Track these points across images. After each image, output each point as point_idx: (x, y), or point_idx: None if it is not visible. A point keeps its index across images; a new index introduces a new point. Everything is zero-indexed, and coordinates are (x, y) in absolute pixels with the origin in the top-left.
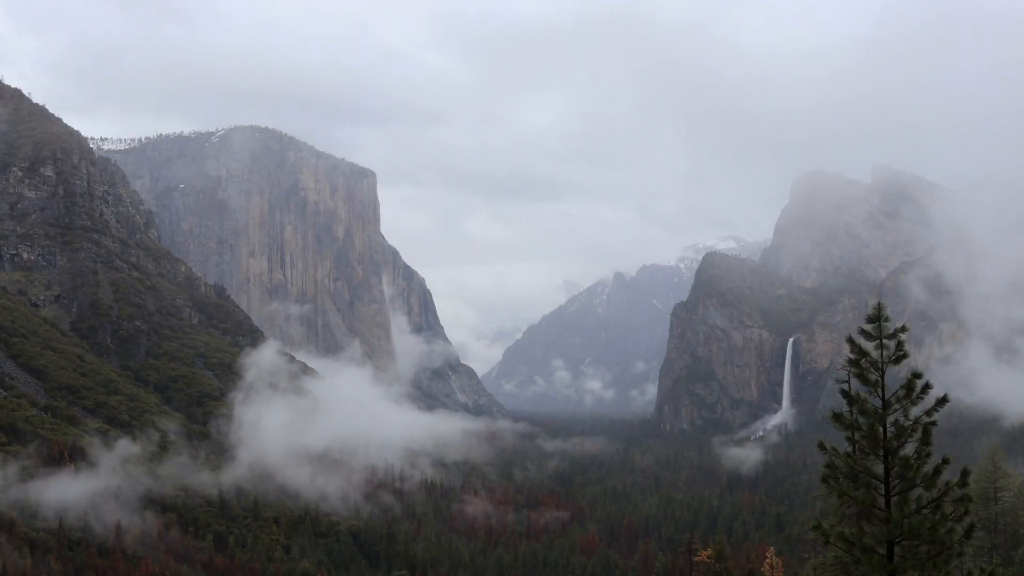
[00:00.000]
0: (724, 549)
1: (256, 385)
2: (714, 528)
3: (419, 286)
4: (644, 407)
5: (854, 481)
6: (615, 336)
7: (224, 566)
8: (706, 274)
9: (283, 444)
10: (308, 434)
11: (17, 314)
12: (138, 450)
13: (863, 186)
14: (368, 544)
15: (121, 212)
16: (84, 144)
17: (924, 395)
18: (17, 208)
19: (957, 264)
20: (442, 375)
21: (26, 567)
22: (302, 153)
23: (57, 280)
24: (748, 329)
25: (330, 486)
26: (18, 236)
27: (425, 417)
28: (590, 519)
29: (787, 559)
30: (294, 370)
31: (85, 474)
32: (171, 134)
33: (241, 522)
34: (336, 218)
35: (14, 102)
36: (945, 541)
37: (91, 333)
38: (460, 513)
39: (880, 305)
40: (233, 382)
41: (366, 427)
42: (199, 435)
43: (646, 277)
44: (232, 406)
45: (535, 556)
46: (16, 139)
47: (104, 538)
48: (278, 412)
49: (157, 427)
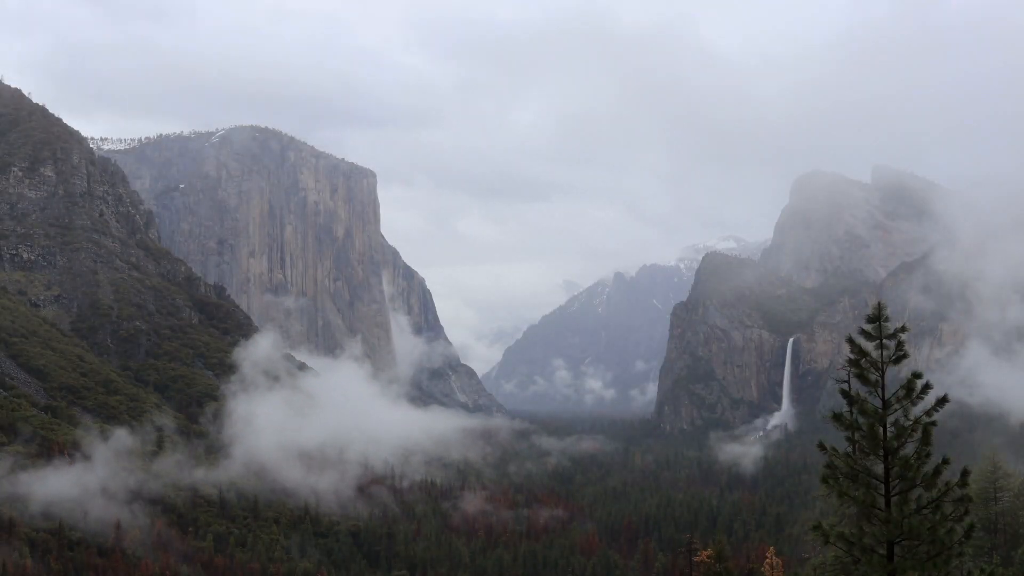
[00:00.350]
0: (724, 549)
1: (254, 382)
2: (714, 528)
3: (419, 286)
4: (644, 407)
5: (854, 481)
6: (615, 336)
7: (224, 566)
8: (706, 274)
9: (282, 443)
10: (306, 433)
11: (17, 314)
12: (133, 443)
13: (863, 186)
14: (368, 544)
15: (121, 212)
16: (84, 144)
17: (924, 395)
18: (17, 208)
19: (957, 264)
20: (442, 375)
21: (26, 567)
22: (302, 153)
23: (57, 280)
24: (748, 329)
25: (329, 485)
26: (18, 236)
27: (425, 416)
28: (590, 519)
29: (787, 559)
30: (292, 368)
31: (79, 468)
32: (171, 134)
33: (241, 522)
34: (336, 218)
35: (14, 102)
36: (945, 541)
37: (91, 333)
38: (460, 513)
39: (880, 305)
40: (230, 378)
41: (365, 426)
42: (198, 433)
43: (646, 277)
44: (231, 404)
45: (535, 556)
46: (16, 139)
47: (104, 538)
48: (277, 410)
49: (156, 426)
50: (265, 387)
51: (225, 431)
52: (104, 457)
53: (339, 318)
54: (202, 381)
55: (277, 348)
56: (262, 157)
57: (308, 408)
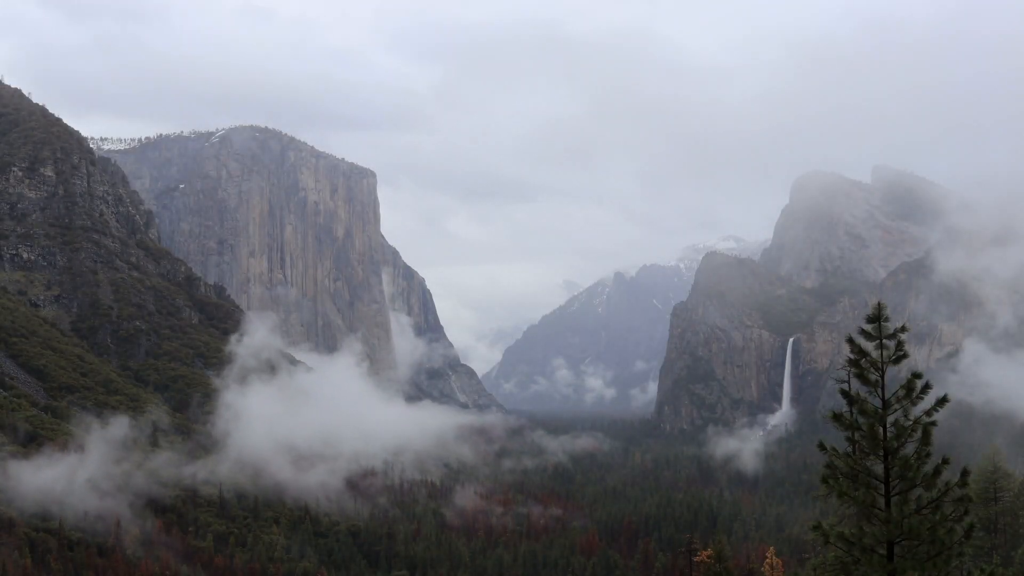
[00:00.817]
0: (724, 549)
1: (253, 381)
2: (714, 528)
3: (419, 286)
4: (644, 407)
5: (854, 481)
6: (615, 336)
7: (224, 566)
8: (706, 274)
9: (281, 440)
10: (306, 432)
11: (17, 314)
12: (127, 436)
13: (863, 186)
14: (368, 544)
15: (121, 212)
16: (84, 144)
17: (924, 395)
18: (17, 208)
19: (957, 264)
20: (442, 375)
21: (26, 567)
22: (302, 153)
23: (57, 280)
24: (748, 329)
25: (328, 484)
26: (18, 236)
27: (425, 416)
28: (590, 519)
29: (787, 559)
30: (290, 365)
31: (72, 460)
32: (171, 134)
33: (241, 522)
34: (336, 218)
35: (14, 102)
36: (945, 541)
37: (91, 333)
38: (459, 513)
39: (880, 305)
40: (223, 373)
41: (364, 426)
42: (197, 432)
43: (646, 277)
44: (229, 400)
45: (535, 556)
46: (16, 139)
47: (104, 538)
48: (277, 408)
49: (153, 423)
50: (265, 387)
51: (221, 428)
52: (99, 450)
53: (339, 318)
54: (202, 381)
55: (274, 343)
56: (262, 157)
57: (308, 408)
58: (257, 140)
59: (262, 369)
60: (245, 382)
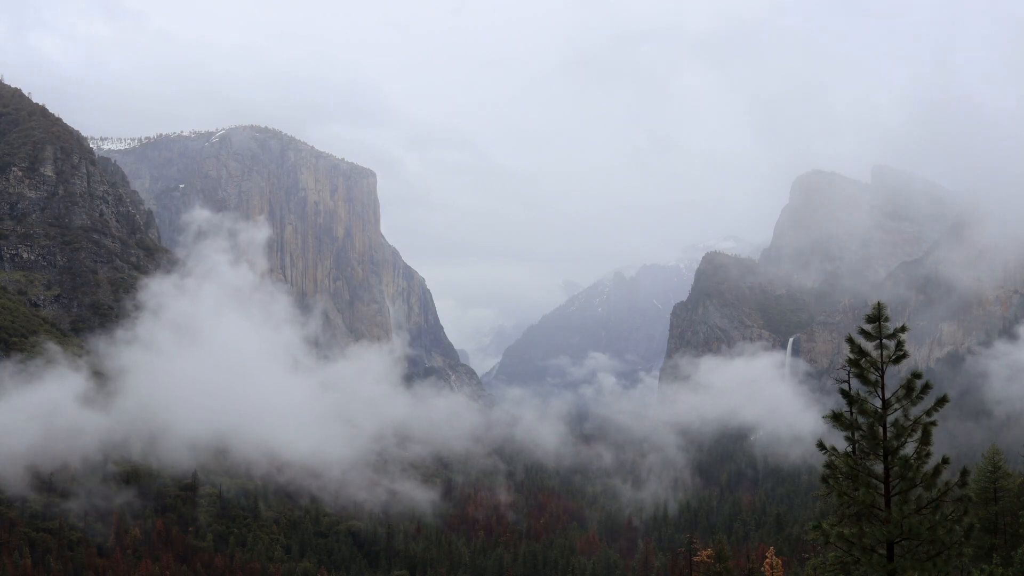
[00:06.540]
0: (724, 549)
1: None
2: (714, 528)
3: (419, 286)
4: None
5: (854, 481)
6: (615, 336)
7: (224, 566)
8: (706, 274)
9: (282, 441)
10: (305, 432)
11: (17, 314)
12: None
13: (863, 186)
14: (367, 544)
15: (121, 212)
16: (84, 144)
17: (924, 395)
18: (17, 208)
19: (957, 264)
20: (442, 375)
21: (26, 567)
22: (302, 153)
23: (57, 280)
24: (748, 329)
25: (328, 484)
26: (18, 236)
27: (425, 415)
28: (590, 519)
29: (787, 559)
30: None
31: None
32: (171, 134)
33: (241, 522)
34: (336, 218)
35: (14, 102)
36: (945, 541)
37: (91, 333)
38: (459, 512)
39: (880, 305)
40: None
41: (362, 424)
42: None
43: (646, 277)
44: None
45: (535, 556)
46: (16, 139)
47: (104, 538)
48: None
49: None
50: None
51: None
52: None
53: (339, 318)
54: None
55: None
56: (262, 157)
57: (305, 404)
58: (257, 140)
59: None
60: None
